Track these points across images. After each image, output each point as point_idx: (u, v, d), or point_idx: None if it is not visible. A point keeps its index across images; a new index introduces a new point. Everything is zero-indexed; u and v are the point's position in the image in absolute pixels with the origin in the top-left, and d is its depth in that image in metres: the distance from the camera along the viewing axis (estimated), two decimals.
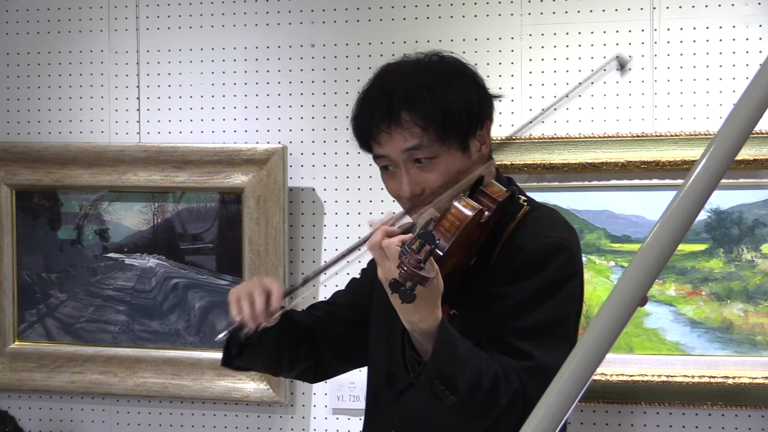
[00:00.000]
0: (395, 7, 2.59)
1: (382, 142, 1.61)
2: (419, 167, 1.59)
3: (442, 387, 1.45)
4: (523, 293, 1.56)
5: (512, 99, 2.51)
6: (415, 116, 1.57)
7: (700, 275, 2.39)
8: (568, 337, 1.60)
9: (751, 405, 2.36)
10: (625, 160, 2.39)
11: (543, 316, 1.56)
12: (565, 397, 0.89)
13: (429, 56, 1.68)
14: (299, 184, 2.65)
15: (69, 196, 2.77)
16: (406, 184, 1.60)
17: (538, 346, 1.54)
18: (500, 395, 1.48)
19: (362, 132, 1.65)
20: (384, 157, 1.63)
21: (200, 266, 2.69)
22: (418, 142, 1.57)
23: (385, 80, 1.64)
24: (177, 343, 2.70)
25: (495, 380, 1.48)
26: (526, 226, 1.62)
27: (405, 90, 1.59)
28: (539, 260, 1.58)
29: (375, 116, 1.60)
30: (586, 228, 2.45)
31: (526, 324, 1.55)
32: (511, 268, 1.58)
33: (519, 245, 1.59)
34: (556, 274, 1.58)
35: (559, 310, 1.59)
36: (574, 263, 1.62)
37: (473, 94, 1.64)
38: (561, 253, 1.59)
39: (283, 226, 2.59)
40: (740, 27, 2.39)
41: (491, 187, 1.60)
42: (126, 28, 2.75)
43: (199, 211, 2.69)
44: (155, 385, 2.70)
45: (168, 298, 2.71)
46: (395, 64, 1.68)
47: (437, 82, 1.60)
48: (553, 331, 1.57)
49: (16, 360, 2.79)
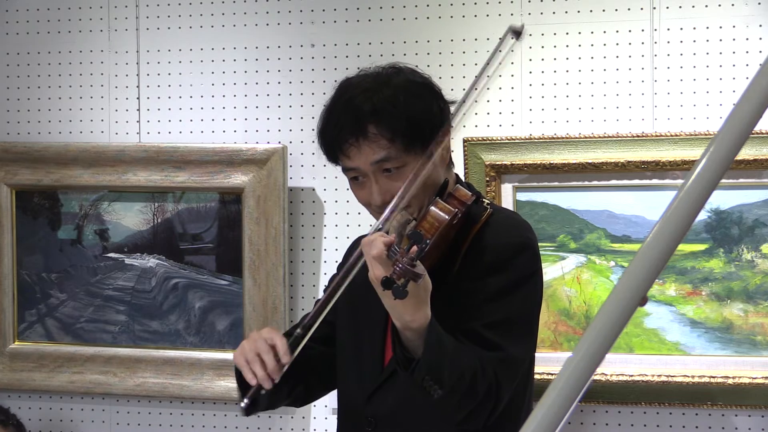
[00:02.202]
0: (395, 7, 2.59)
1: (351, 155, 1.68)
2: (387, 176, 1.68)
3: (431, 381, 1.53)
4: (491, 288, 1.65)
5: (512, 99, 2.51)
6: (382, 129, 1.65)
7: (700, 275, 2.39)
8: (533, 330, 1.73)
9: (751, 405, 2.36)
10: (625, 160, 2.39)
11: (511, 310, 1.66)
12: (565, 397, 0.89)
13: (386, 69, 1.74)
14: (299, 184, 2.65)
15: (69, 196, 2.77)
16: (377, 193, 1.68)
17: (508, 338, 1.64)
18: (478, 388, 1.57)
19: (330, 146, 1.72)
20: (353, 170, 1.71)
21: (200, 266, 2.69)
22: (386, 154, 1.65)
23: (349, 95, 1.70)
24: (177, 343, 2.70)
25: (474, 374, 1.57)
26: (491, 227, 1.71)
27: (371, 104, 1.66)
28: (506, 257, 1.68)
29: (343, 131, 1.67)
30: (586, 228, 2.45)
31: (496, 318, 1.64)
32: (480, 266, 1.67)
33: (485, 244, 1.69)
34: (522, 271, 1.69)
35: (524, 305, 1.70)
36: (537, 261, 1.73)
37: (433, 103, 1.72)
38: (526, 251, 1.70)
39: (283, 226, 2.59)
40: (740, 27, 2.39)
41: (459, 191, 1.70)
42: (126, 28, 2.75)
43: (199, 211, 2.69)
44: (155, 385, 2.70)
45: (168, 298, 2.71)
46: (356, 79, 1.74)
47: (400, 94, 1.67)
48: (519, 324, 1.68)
49: (16, 360, 2.79)
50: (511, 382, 1.64)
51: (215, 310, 2.67)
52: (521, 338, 1.68)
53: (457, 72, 2.53)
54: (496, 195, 2.46)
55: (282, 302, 2.58)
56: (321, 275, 2.63)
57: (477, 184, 2.43)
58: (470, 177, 2.46)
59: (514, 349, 1.64)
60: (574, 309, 2.44)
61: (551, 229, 2.46)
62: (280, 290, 2.59)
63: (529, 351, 1.73)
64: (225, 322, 2.67)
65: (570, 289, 2.45)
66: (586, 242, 2.43)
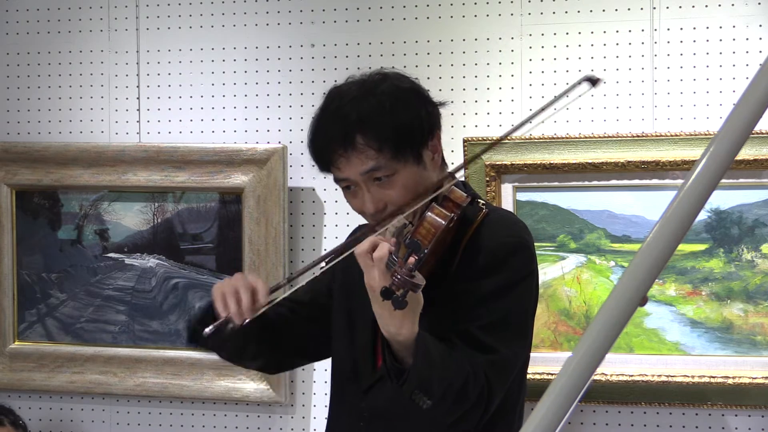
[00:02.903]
0: (395, 7, 2.59)
1: (341, 166, 1.68)
2: (379, 184, 1.67)
3: (421, 393, 1.54)
4: (487, 289, 1.65)
5: (512, 99, 2.51)
6: (369, 139, 1.64)
7: (700, 275, 2.39)
8: (527, 331, 1.72)
9: (751, 405, 2.36)
10: (625, 160, 2.39)
11: (506, 310, 1.65)
12: (565, 397, 0.89)
13: (373, 76, 1.74)
14: (299, 184, 2.65)
15: (69, 196, 2.77)
16: (369, 202, 1.68)
17: (502, 339, 1.63)
18: (469, 393, 1.57)
19: (320, 157, 1.73)
20: (345, 180, 1.70)
21: (200, 266, 2.69)
22: (375, 164, 1.65)
23: (336, 105, 1.70)
24: (177, 343, 2.70)
25: (465, 380, 1.56)
26: (487, 227, 1.70)
27: (357, 114, 1.65)
28: (502, 258, 1.67)
29: (331, 142, 1.67)
30: (586, 228, 2.45)
31: (491, 319, 1.63)
32: (475, 266, 1.66)
33: (481, 245, 1.68)
34: (518, 271, 1.68)
35: (520, 305, 1.69)
36: (533, 262, 1.73)
37: (421, 108, 1.71)
38: (522, 252, 1.69)
39: (283, 226, 2.59)
40: (740, 27, 2.39)
41: (454, 193, 1.68)
42: (126, 28, 2.76)
43: (199, 211, 2.69)
44: (155, 385, 2.70)
45: (168, 298, 2.71)
46: (344, 87, 1.74)
47: (386, 102, 1.66)
48: (514, 324, 1.67)
49: (16, 360, 2.79)
50: (502, 384, 1.64)
51: None
52: (515, 339, 1.67)
53: (457, 72, 2.53)
54: (496, 195, 2.46)
55: None
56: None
57: (477, 184, 2.43)
58: (470, 177, 2.46)
59: (508, 351, 1.64)
60: (574, 309, 2.44)
61: (551, 229, 2.46)
62: (280, 290, 2.58)
63: (523, 352, 1.73)
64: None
65: (570, 289, 2.45)
66: (586, 242, 2.43)
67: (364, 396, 1.75)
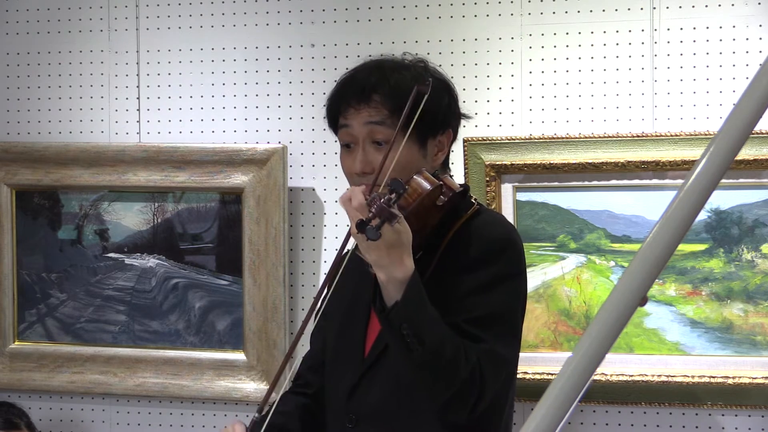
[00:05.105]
0: (395, 7, 2.59)
1: (349, 115, 1.71)
2: (376, 148, 1.70)
3: (410, 332, 1.51)
4: (475, 282, 1.64)
5: (512, 99, 2.51)
6: (385, 100, 1.68)
7: (700, 275, 2.39)
8: (516, 330, 1.71)
9: (751, 405, 2.36)
10: (625, 160, 2.39)
11: (495, 306, 1.65)
12: (565, 397, 0.89)
13: (415, 60, 1.80)
14: (299, 184, 2.65)
15: (69, 196, 2.77)
16: (359, 161, 1.70)
17: (490, 334, 1.62)
18: (460, 367, 1.55)
19: (333, 108, 1.76)
20: (346, 128, 1.72)
21: (200, 266, 2.69)
22: (381, 119, 1.68)
23: (369, 66, 1.75)
24: (177, 343, 2.70)
25: (457, 350, 1.55)
26: (476, 222, 1.71)
27: (384, 79, 1.70)
28: (493, 253, 1.67)
29: (347, 95, 1.71)
30: (586, 228, 2.45)
31: (479, 313, 1.63)
32: (463, 259, 1.66)
33: (470, 238, 1.68)
34: (507, 268, 1.68)
35: (508, 303, 1.68)
36: (522, 262, 1.73)
37: (445, 99, 1.75)
38: (512, 249, 1.70)
39: (283, 226, 2.59)
40: (740, 27, 2.39)
41: (448, 180, 1.70)
42: (126, 28, 2.76)
43: (199, 211, 2.69)
44: (155, 385, 2.70)
45: (168, 298, 2.71)
46: (382, 58, 1.80)
47: (416, 80, 1.68)
48: (503, 321, 1.66)
49: (16, 360, 2.79)
50: (495, 377, 1.62)
51: (215, 310, 2.67)
52: (504, 336, 1.66)
53: (457, 72, 2.52)
54: (496, 195, 2.46)
55: (282, 302, 2.58)
56: (321, 275, 2.63)
57: (477, 184, 2.43)
58: (470, 177, 2.46)
59: (498, 345, 1.63)
60: (574, 309, 2.44)
61: (551, 229, 2.46)
62: (280, 290, 2.59)
63: (513, 349, 1.71)
64: (225, 322, 2.67)
65: (570, 289, 2.45)
66: (586, 242, 2.43)
67: (350, 398, 1.74)
